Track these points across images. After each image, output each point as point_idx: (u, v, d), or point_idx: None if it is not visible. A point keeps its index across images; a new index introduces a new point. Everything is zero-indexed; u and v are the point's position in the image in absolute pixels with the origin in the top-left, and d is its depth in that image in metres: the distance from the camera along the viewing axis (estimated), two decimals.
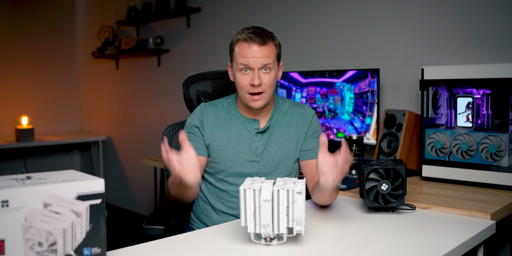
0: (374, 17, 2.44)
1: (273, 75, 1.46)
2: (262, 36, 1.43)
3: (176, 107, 3.71)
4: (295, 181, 1.09)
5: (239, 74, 1.45)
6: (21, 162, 4.47)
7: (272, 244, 1.07)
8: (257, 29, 1.45)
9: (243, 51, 1.43)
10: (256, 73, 1.43)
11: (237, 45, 1.46)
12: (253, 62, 1.42)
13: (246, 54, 1.42)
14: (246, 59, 1.42)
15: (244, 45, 1.43)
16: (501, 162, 1.66)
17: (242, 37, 1.44)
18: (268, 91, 1.47)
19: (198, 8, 3.43)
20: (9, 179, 0.87)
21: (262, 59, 1.42)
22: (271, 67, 1.45)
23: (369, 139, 2.21)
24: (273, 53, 1.45)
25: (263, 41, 1.42)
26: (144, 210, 4.13)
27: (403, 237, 1.15)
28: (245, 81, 1.45)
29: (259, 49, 1.42)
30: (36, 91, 4.58)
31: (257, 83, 1.42)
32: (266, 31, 1.46)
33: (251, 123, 1.54)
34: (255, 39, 1.42)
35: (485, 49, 2.04)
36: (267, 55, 1.43)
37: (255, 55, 1.42)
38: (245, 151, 1.51)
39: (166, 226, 1.61)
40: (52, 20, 4.65)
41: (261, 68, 1.43)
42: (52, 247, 0.85)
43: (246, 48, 1.42)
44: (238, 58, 1.44)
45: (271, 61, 1.44)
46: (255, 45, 1.42)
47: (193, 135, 1.53)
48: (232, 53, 1.49)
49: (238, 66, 1.45)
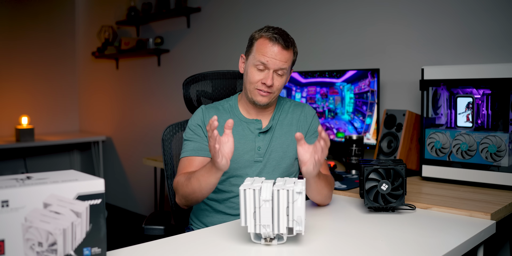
0: (374, 17, 2.44)
1: (284, 80, 1.48)
2: (287, 41, 1.43)
3: (176, 107, 3.71)
4: (295, 181, 1.09)
5: (253, 69, 1.45)
6: (21, 162, 4.47)
7: (272, 244, 1.07)
8: (283, 32, 1.46)
9: (265, 49, 1.42)
10: (270, 74, 1.43)
11: (260, 41, 1.45)
12: (271, 63, 1.42)
13: (267, 53, 1.42)
14: (265, 58, 1.42)
15: (268, 43, 1.43)
16: (501, 162, 1.66)
17: (267, 35, 1.43)
18: (276, 93, 1.49)
19: (198, 8, 3.43)
20: (9, 179, 0.87)
21: (281, 63, 1.43)
22: (285, 73, 1.46)
23: (369, 139, 2.21)
24: (290, 60, 1.46)
25: (287, 46, 1.43)
26: (144, 210, 4.13)
27: (403, 237, 1.15)
28: (256, 77, 1.45)
29: (281, 52, 1.42)
30: (36, 91, 4.58)
31: (269, 83, 1.43)
32: (290, 37, 1.47)
33: (253, 123, 1.54)
34: (280, 41, 1.42)
35: (485, 49, 2.04)
36: (286, 60, 1.43)
37: (275, 56, 1.42)
38: (248, 152, 1.51)
39: (166, 226, 1.60)
40: (52, 20, 4.65)
41: (276, 70, 1.44)
42: (52, 247, 0.85)
43: (269, 47, 1.42)
44: (257, 54, 1.44)
45: (287, 67, 1.45)
46: (278, 46, 1.42)
47: (197, 136, 1.51)
48: (251, 47, 1.48)
49: (254, 62, 1.45)
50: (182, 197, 1.42)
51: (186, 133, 1.54)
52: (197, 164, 1.46)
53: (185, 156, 1.49)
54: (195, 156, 1.48)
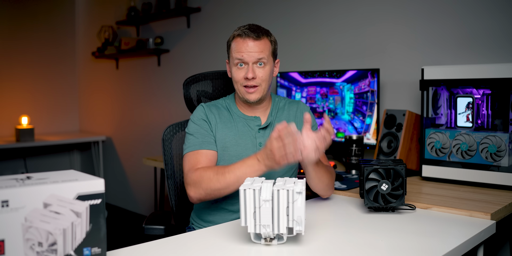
0: (374, 17, 2.44)
1: (268, 70, 1.50)
2: (257, 32, 1.48)
3: (176, 107, 3.71)
4: (295, 181, 1.09)
5: (235, 69, 1.50)
6: (21, 162, 4.47)
7: (272, 244, 1.07)
8: (252, 26, 1.51)
9: (238, 46, 1.48)
10: (250, 67, 1.47)
11: (233, 41, 1.51)
12: (247, 56, 1.46)
13: (241, 49, 1.47)
14: (240, 54, 1.47)
15: (239, 40, 1.48)
16: (501, 162, 1.66)
17: (237, 33, 1.50)
18: (263, 85, 1.50)
19: (198, 8, 3.43)
20: (9, 179, 0.87)
21: (256, 53, 1.46)
22: (266, 62, 1.49)
23: (369, 139, 2.21)
24: (267, 49, 1.49)
25: (257, 36, 1.47)
26: (144, 210, 4.13)
27: (403, 237, 1.15)
28: (239, 75, 1.49)
29: (254, 44, 1.47)
30: (36, 91, 4.58)
31: (250, 76, 1.46)
32: (262, 28, 1.52)
33: (252, 120, 1.56)
34: (250, 34, 1.47)
35: (485, 49, 2.04)
36: (261, 50, 1.47)
37: (250, 49, 1.46)
38: (250, 148, 1.52)
39: (167, 226, 1.60)
40: (52, 20, 4.65)
41: (255, 63, 1.48)
42: (52, 247, 0.85)
43: (241, 43, 1.47)
44: (233, 53, 1.49)
45: (265, 56, 1.48)
46: (249, 40, 1.47)
47: (203, 131, 1.51)
48: (228, 50, 1.54)
49: (233, 61, 1.50)
50: (205, 191, 1.36)
51: (189, 127, 1.54)
52: (208, 157, 1.46)
53: (193, 149, 1.47)
54: (205, 149, 1.48)
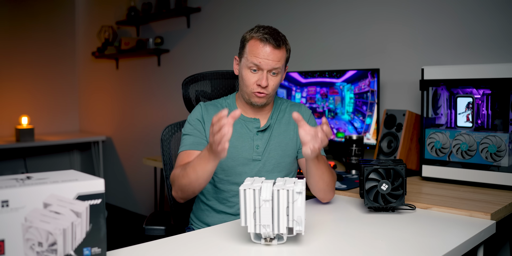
0: (374, 17, 2.44)
1: (279, 78, 1.48)
2: (278, 40, 1.43)
3: (176, 107, 3.71)
4: (295, 181, 1.09)
5: (247, 72, 1.46)
6: (21, 162, 4.47)
7: (272, 244, 1.07)
8: (273, 31, 1.45)
9: (256, 51, 1.43)
10: (264, 75, 1.43)
11: (251, 42, 1.45)
12: (264, 64, 1.42)
13: (259, 54, 1.42)
14: (258, 59, 1.42)
15: (259, 44, 1.43)
16: (501, 162, 1.66)
17: (257, 35, 1.43)
18: (272, 93, 1.49)
19: (198, 8, 3.43)
20: (9, 179, 0.87)
21: (274, 63, 1.43)
22: (279, 72, 1.46)
23: (369, 139, 2.21)
24: (283, 58, 1.46)
25: (278, 45, 1.42)
26: (144, 210, 4.13)
27: (403, 237, 1.15)
28: (251, 80, 1.45)
29: (273, 52, 1.42)
30: (36, 91, 4.58)
31: (264, 84, 1.43)
32: (281, 34, 1.46)
33: (251, 122, 1.54)
34: (271, 41, 1.42)
35: (485, 49, 2.04)
36: (278, 59, 1.43)
37: (268, 57, 1.42)
38: (246, 150, 1.51)
39: (167, 227, 1.60)
40: (52, 20, 4.65)
41: (270, 71, 1.44)
42: (52, 247, 0.85)
43: (260, 48, 1.42)
44: (249, 56, 1.44)
45: (281, 66, 1.45)
46: (269, 47, 1.42)
47: (197, 132, 1.51)
48: (243, 49, 1.48)
49: (247, 64, 1.45)
50: (179, 189, 1.39)
51: (185, 128, 1.54)
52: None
53: (183, 150, 1.48)
54: (194, 150, 1.47)
